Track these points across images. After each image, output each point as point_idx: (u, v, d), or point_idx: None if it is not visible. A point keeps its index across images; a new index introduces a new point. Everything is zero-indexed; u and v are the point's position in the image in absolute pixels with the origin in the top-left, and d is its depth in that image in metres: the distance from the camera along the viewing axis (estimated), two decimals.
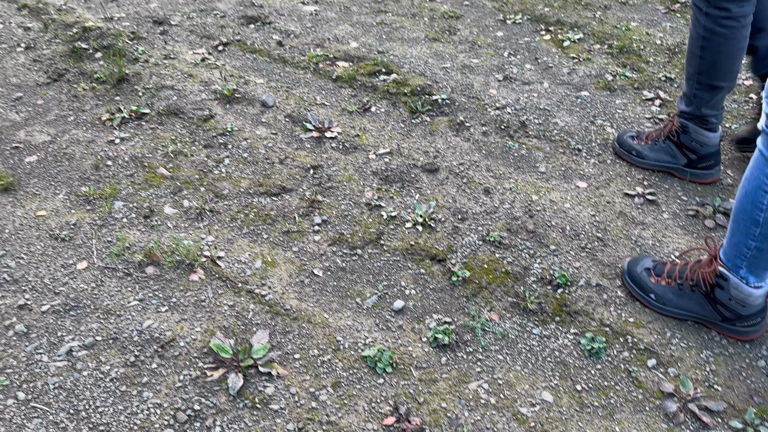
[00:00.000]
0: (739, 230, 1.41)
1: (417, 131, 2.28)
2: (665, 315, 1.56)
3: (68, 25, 2.89)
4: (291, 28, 3.00)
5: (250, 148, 2.16)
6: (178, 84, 2.49)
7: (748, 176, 1.37)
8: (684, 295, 1.54)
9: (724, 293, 1.47)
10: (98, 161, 2.07)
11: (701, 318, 1.54)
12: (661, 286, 1.56)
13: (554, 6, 3.26)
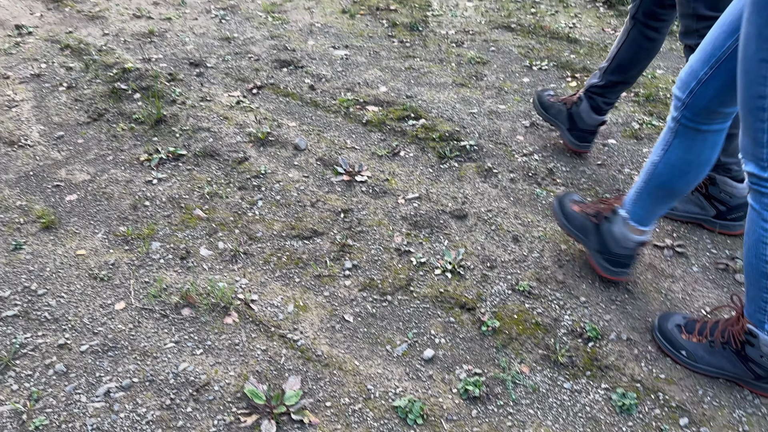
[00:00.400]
0: (752, 285, 1.43)
1: (445, 177, 2.32)
2: (697, 372, 1.56)
3: (108, 65, 3.00)
4: (322, 72, 3.08)
5: (283, 191, 2.21)
6: (214, 126, 2.57)
7: (747, 230, 1.40)
8: (715, 353, 1.53)
9: (755, 350, 1.46)
10: (136, 201, 2.13)
11: (733, 376, 1.53)
12: (692, 343, 1.56)
13: (580, 53, 3.32)
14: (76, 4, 3.74)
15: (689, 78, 1.46)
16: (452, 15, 3.80)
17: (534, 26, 3.63)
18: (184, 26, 3.50)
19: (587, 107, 2.31)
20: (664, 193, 1.60)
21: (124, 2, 3.80)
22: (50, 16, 3.58)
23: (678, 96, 1.49)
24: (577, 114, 2.35)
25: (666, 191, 1.59)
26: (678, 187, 1.58)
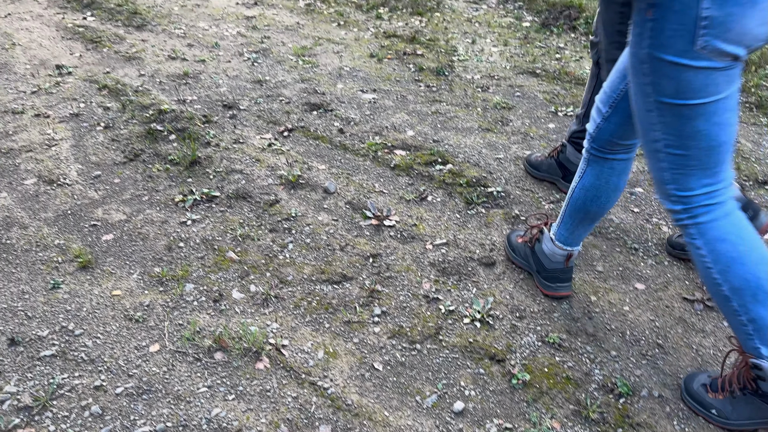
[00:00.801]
0: (727, 314, 1.46)
1: (473, 222, 2.34)
2: (732, 429, 1.54)
3: (145, 106, 3.10)
4: (351, 115, 3.15)
5: (313, 234, 2.25)
6: (247, 168, 2.63)
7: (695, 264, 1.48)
8: (739, 403, 1.52)
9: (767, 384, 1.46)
10: (171, 242, 2.18)
11: (763, 421, 1.51)
12: (719, 400, 1.55)
13: None
14: (114, 45, 3.88)
15: (596, 115, 1.66)
16: (477, 60, 3.87)
17: (559, 72, 3.68)
18: (218, 68, 3.61)
19: (573, 151, 2.45)
20: (581, 216, 1.80)
21: (159, 44, 3.93)
22: (89, 57, 3.71)
23: (588, 131, 1.70)
24: (565, 159, 2.49)
25: (583, 214, 1.79)
26: (592, 210, 1.77)
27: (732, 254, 1.38)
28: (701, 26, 1.18)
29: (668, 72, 1.26)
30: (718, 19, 1.17)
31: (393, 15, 4.64)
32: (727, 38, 1.19)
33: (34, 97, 3.19)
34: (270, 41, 4.05)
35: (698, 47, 1.21)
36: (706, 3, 1.17)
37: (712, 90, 1.26)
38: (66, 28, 4.13)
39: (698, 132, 1.31)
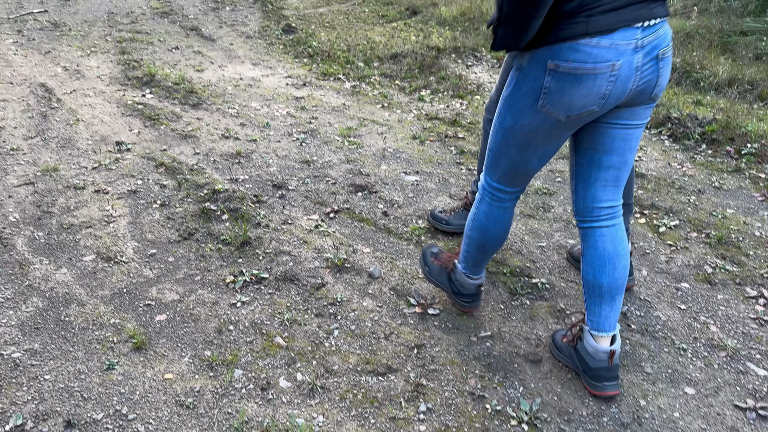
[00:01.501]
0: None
1: (517, 314, 2.35)
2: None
3: (199, 185, 3.24)
4: (395, 197, 3.24)
5: (358, 321, 2.29)
6: (294, 250, 2.71)
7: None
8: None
9: None
10: (221, 325, 2.24)
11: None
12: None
13: (647, 188, 3.38)
14: (171, 122, 4.10)
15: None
16: None
17: None
18: (268, 148, 3.77)
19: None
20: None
21: (213, 122, 4.14)
22: (147, 134, 3.92)
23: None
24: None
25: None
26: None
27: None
28: (543, 93, 1.62)
29: (517, 115, 1.73)
30: (552, 91, 1.60)
31: (435, 97, 4.81)
32: (556, 105, 1.62)
33: (95, 173, 3.37)
34: (317, 122, 4.22)
35: (539, 106, 1.65)
36: (548, 79, 1.59)
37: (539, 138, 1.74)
38: (126, 104, 4.38)
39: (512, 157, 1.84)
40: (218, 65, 5.41)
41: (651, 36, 1.57)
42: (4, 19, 6.77)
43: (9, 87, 4.67)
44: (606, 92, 1.57)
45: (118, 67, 5.20)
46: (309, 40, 6.24)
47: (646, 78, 1.61)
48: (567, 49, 1.53)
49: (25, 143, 3.73)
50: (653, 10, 1.56)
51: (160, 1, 7.55)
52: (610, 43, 1.52)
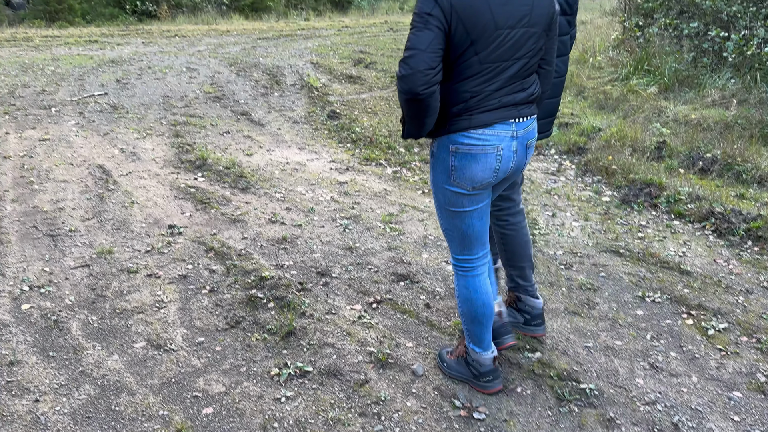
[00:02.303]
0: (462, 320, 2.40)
1: (565, 423, 2.30)
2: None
3: (247, 271, 3.33)
4: (437, 288, 3.26)
5: (402, 423, 2.27)
6: (338, 342, 2.73)
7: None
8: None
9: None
10: (266, 421, 2.25)
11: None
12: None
13: (693, 287, 3.33)
14: (221, 206, 4.26)
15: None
16: (559, 234, 3.98)
17: (643, 253, 3.72)
18: (313, 233, 3.87)
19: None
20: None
21: (261, 206, 4.28)
22: (198, 217, 4.08)
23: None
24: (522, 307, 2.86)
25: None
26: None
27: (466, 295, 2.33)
28: (451, 171, 2.11)
29: (442, 191, 2.19)
30: (457, 168, 2.10)
31: None
32: (462, 179, 2.11)
33: (148, 257, 3.50)
34: (360, 207, 4.33)
35: (451, 181, 2.13)
36: (452, 159, 2.09)
37: (464, 204, 2.18)
38: (179, 187, 4.58)
39: (457, 226, 2.25)
40: (266, 149, 5.64)
41: (522, 130, 2.14)
42: (67, 101, 7.24)
43: (69, 168, 4.95)
44: (496, 167, 2.11)
45: (172, 150, 5.47)
46: (352, 125, 6.48)
47: (519, 161, 2.18)
48: (461, 136, 2.06)
49: (83, 224, 3.91)
50: (521, 111, 2.11)
51: (212, 86, 7.99)
52: (492, 132, 2.06)
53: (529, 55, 2.04)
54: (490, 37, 1.93)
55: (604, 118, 6.54)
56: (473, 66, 1.97)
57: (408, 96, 1.91)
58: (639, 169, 4.84)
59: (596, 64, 8.65)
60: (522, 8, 1.96)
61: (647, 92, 6.98)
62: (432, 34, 1.87)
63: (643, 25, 8.86)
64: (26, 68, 9.40)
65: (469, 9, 1.88)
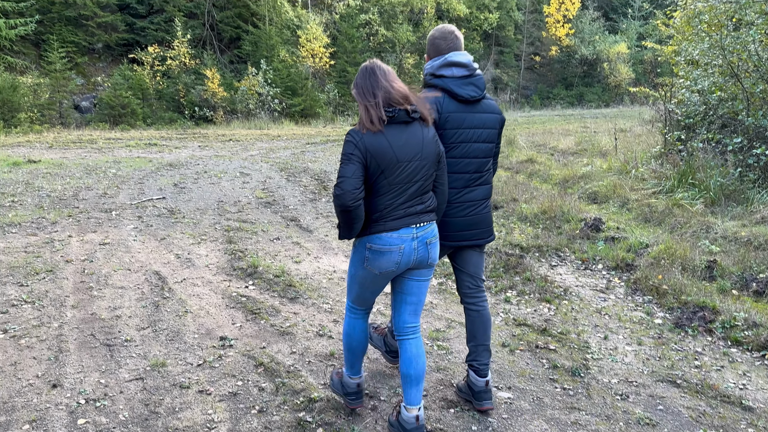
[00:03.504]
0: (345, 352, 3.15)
1: None
2: None
3: (296, 391, 3.34)
4: (488, 418, 3.18)
5: None
6: None
7: None
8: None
9: None
10: None
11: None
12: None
13: (757, 426, 3.17)
14: (270, 317, 4.33)
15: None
16: (612, 360, 3.88)
17: (701, 384, 3.58)
18: None
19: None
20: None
21: (309, 318, 4.34)
22: (248, 328, 4.15)
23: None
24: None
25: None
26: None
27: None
28: (365, 259, 2.82)
29: (356, 267, 2.91)
30: (370, 259, 2.81)
31: (521, 300, 4.87)
32: (373, 267, 2.81)
33: (199, 371, 3.55)
34: None
35: (364, 266, 2.84)
36: (367, 253, 2.80)
37: (369, 281, 2.89)
38: (230, 296, 4.70)
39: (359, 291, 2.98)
40: (314, 256, 5.78)
41: (422, 232, 2.83)
42: (127, 204, 7.64)
43: (127, 274, 5.15)
44: (398, 261, 2.81)
45: (225, 257, 5.65)
46: None
47: (421, 255, 2.86)
48: (375, 238, 2.78)
49: (138, 334, 4.02)
50: (421, 217, 2.83)
51: (264, 191, 8.33)
52: (398, 236, 2.77)
53: (423, 179, 2.81)
54: (394, 167, 2.71)
55: (650, 232, 6.52)
56: (384, 187, 2.74)
57: (342, 208, 2.67)
58: (691, 290, 4.76)
59: (639, 176, 8.74)
60: (415, 148, 2.75)
61: (694, 207, 6.97)
62: (354, 167, 2.67)
63: (685, 139, 8.99)
64: (90, 170, 10.02)
65: (378, 149, 2.68)
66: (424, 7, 29.05)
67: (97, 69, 21.42)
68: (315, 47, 24.06)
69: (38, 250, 5.71)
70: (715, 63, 8.71)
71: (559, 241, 6.25)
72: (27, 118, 16.63)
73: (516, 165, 11.07)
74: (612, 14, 39.99)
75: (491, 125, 3.11)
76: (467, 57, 3.06)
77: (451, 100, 3.01)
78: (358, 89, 2.75)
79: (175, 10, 21.86)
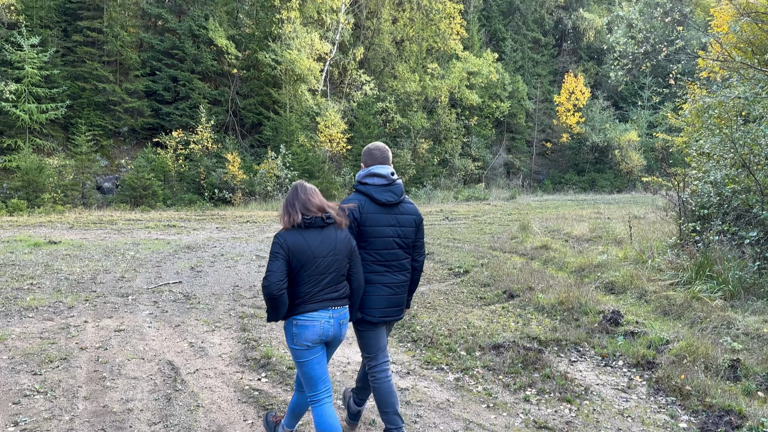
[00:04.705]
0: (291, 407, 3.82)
1: None
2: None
3: None
4: None
5: None
6: None
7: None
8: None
9: None
10: None
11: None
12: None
13: None
14: (282, 414, 4.23)
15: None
16: None
17: None
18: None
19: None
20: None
21: None
22: (259, 426, 4.06)
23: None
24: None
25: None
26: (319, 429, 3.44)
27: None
28: (294, 335, 3.41)
29: (292, 350, 3.46)
30: (297, 334, 3.40)
31: (541, 399, 4.74)
32: (301, 340, 3.39)
33: None
34: (422, 421, 4.22)
35: (294, 342, 3.42)
36: (294, 329, 3.41)
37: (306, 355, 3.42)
38: (243, 389, 4.63)
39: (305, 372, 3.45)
40: None
41: (337, 314, 3.49)
42: (144, 288, 7.69)
43: (140, 363, 5.12)
44: (320, 333, 3.42)
45: (239, 346, 5.61)
46: (412, 322, 6.56)
47: (335, 332, 3.50)
48: (300, 316, 3.41)
49: (149, 429, 3.94)
50: (336, 302, 3.48)
51: None
52: (317, 314, 3.42)
53: (336, 271, 3.48)
54: (311, 262, 3.40)
55: (669, 326, 6.40)
56: (304, 278, 3.40)
57: (269, 297, 3.31)
58: (715, 392, 4.61)
59: (656, 266, 8.68)
60: (329, 246, 3.44)
61: (713, 301, 6.87)
62: (279, 263, 3.34)
63: (700, 230, 8.98)
64: (109, 252, 10.17)
65: (298, 248, 3.38)
66: (438, 96, 30.09)
67: (122, 151, 22.17)
68: (333, 133, 24.83)
69: (54, 336, 5.72)
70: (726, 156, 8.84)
71: (578, 334, 6.14)
72: (50, 199, 17.09)
73: (530, 251, 11.07)
74: (622, 103, 41.05)
75: (408, 224, 3.81)
76: (388, 170, 3.77)
77: (372, 203, 3.72)
78: (285, 202, 3.49)
79: (200, 98, 22.82)
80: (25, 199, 16.57)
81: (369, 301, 3.69)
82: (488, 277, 8.84)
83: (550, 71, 40.78)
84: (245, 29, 25.28)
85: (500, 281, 8.47)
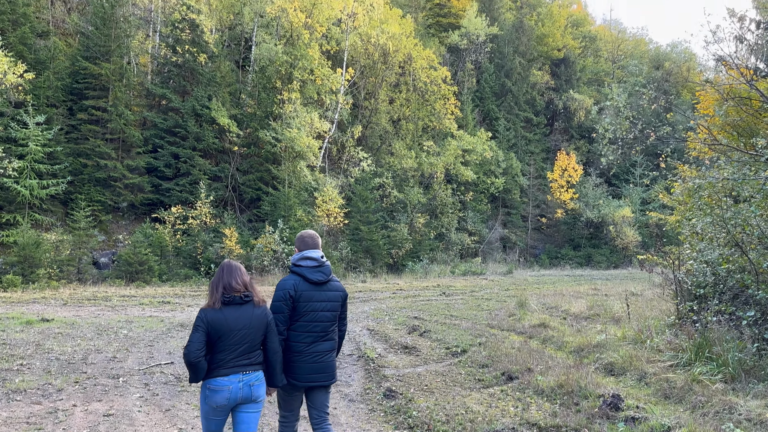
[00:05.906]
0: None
1: None
2: None
3: None
4: None
5: None
6: None
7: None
8: None
9: None
10: None
11: None
12: None
13: None
14: None
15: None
16: None
17: None
18: None
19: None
20: None
21: None
22: None
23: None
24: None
25: None
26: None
27: None
28: (206, 396, 4.00)
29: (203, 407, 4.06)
30: (208, 396, 3.99)
31: None
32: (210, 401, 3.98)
33: None
34: None
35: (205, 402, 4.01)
36: (207, 391, 4.01)
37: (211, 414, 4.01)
38: None
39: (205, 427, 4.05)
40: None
41: (247, 377, 4.01)
42: (135, 370, 7.55)
43: None
44: (228, 397, 3.95)
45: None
46: (408, 407, 6.41)
47: (245, 393, 4.00)
48: (212, 381, 3.94)
49: None
50: (246, 369, 4.01)
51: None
52: (228, 380, 3.94)
53: (250, 342, 4.03)
54: (228, 334, 3.96)
55: (671, 411, 6.27)
56: (221, 347, 3.96)
57: (188, 363, 3.89)
58: None
59: (654, 346, 8.59)
60: (245, 321, 4.02)
61: (714, 385, 6.76)
62: (199, 334, 3.91)
63: (697, 310, 8.95)
64: (102, 331, 10.04)
65: (217, 322, 3.95)
66: (434, 172, 30.67)
67: (120, 227, 22.27)
68: (330, 207, 25.09)
69: (41, 421, 5.57)
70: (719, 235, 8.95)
71: (579, 420, 6.00)
72: (45, 274, 17.00)
73: (529, 329, 10.96)
74: (614, 180, 41.80)
75: (334, 299, 4.46)
76: (318, 254, 4.46)
77: (305, 282, 4.36)
78: (211, 281, 4.07)
79: (200, 174, 23.18)
80: (21, 275, 16.48)
81: (297, 368, 4.27)
82: (486, 357, 8.71)
83: (542, 149, 41.77)
84: (247, 109, 26.05)
85: (499, 362, 8.34)
